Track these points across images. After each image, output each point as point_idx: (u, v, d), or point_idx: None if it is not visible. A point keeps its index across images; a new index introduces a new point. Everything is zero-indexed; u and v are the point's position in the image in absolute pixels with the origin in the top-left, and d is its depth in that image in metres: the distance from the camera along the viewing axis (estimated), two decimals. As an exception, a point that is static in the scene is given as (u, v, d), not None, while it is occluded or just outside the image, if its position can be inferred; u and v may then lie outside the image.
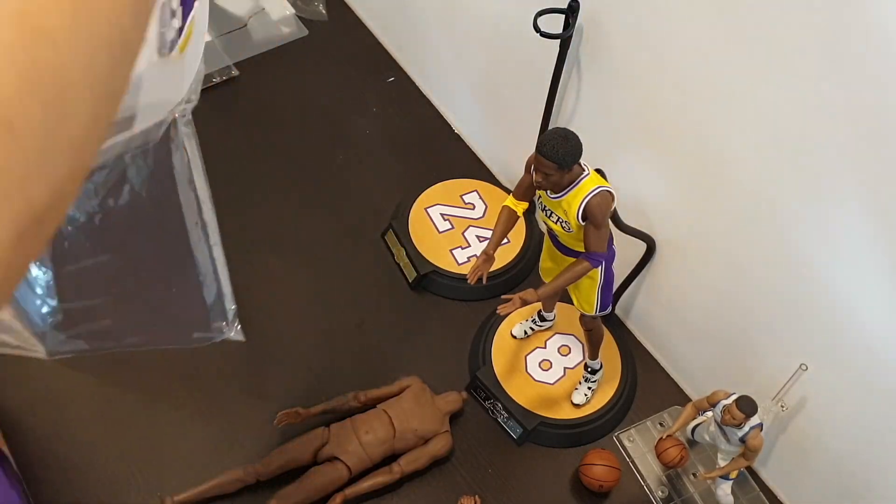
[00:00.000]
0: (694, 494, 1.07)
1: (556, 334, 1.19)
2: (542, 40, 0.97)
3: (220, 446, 1.06)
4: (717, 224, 0.98)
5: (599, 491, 1.05)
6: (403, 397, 1.07)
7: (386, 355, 1.17)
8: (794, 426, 1.01)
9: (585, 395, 1.11)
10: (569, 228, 0.87)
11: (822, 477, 1.00)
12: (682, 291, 1.11)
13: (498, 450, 1.10)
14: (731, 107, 0.86)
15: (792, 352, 0.95)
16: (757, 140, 0.85)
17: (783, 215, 0.87)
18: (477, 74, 1.34)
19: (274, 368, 1.15)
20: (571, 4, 0.97)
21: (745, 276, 0.97)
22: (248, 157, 1.38)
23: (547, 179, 0.83)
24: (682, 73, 0.90)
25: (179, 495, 0.98)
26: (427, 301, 1.24)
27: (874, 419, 0.89)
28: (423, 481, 1.06)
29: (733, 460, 0.99)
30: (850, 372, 0.89)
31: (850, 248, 0.81)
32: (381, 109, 1.49)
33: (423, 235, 1.27)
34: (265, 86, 1.49)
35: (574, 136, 0.81)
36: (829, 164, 0.78)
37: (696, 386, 1.17)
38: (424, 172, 1.37)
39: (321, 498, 0.99)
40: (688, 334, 1.14)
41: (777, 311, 0.95)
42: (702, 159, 0.94)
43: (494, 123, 1.37)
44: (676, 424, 1.03)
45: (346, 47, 1.58)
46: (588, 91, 1.08)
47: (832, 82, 0.74)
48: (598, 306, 0.96)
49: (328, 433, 1.02)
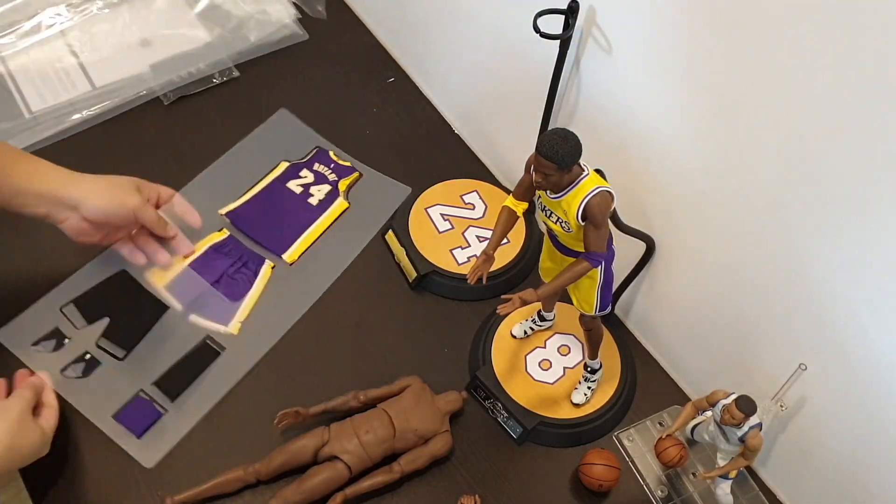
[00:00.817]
0: (693, 494, 1.07)
1: (556, 334, 1.19)
2: (542, 40, 0.98)
3: (220, 446, 1.06)
4: (717, 223, 0.98)
5: (599, 490, 1.05)
6: (403, 397, 1.07)
7: (386, 355, 1.17)
8: (794, 426, 1.01)
9: (585, 395, 1.11)
10: (568, 228, 0.87)
11: (822, 477, 1.01)
12: (681, 291, 1.11)
13: (498, 449, 1.10)
14: (731, 106, 0.86)
15: (792, 352, 0.95)
16: (758, 140, 0.85)
17: (783, 215, 0.87)
18: (477, 75, 1.34)
19: (274, 368, 1.15)
20: (571, 5, 0.97)
21: (745, 275, 0.98)
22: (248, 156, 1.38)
23: (546, 180, 0.83)
24: (682, 72, 0.90)
25: (179, 495, 0.98)
26: (427, 301, 1.24)
27: (874, 419, 0.89)
28: (423, 481, 1.06)
29: (733, 460, 0.99)
30: (851, 372, 0.89)
31: (851, 248, 0.81)
32: (381, 109, 1.49)
33: (423, 235, 1.27)
34: (265, 86, 1.49)
35: (574, 136, 0.81)
36: (829, 164, 0.78)
37: (696, 386, 1.17)
38: (424, 172, 1.38)
39: (321, 497, 0.99)
40: (688, 334, 1.14)
41: (777, 311, 0.96)
42: (702, 159, 0.94)
43: (494, 124, 1.37)
44: (676, 424, 1.03)
45: (346, 47, 1.58)
46: (588, 91, 1.08)
47: (830, 82, 0.74)
48: (598, 306, 0.97)
49: (328, 433, 1.02)
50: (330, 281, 1.23)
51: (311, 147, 1.39)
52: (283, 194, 1.31)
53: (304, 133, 1.42)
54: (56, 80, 1.41)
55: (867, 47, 0.69)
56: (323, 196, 1.31)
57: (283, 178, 1.33)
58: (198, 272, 1.19)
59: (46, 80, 1.41)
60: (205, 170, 1.33)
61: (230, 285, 1.19)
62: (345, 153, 1.39)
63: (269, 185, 1.32)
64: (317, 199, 1.31)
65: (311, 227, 1.27)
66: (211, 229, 1.24)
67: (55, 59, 1.44)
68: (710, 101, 0.88)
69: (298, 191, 1.31)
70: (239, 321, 1.16)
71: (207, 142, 1.39)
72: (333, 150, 1.39)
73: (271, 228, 1.26)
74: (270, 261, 1.23)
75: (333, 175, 1.34)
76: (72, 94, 1.40)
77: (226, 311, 1.16)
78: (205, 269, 1.20)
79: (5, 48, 1.43)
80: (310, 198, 1.31)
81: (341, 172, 1.35)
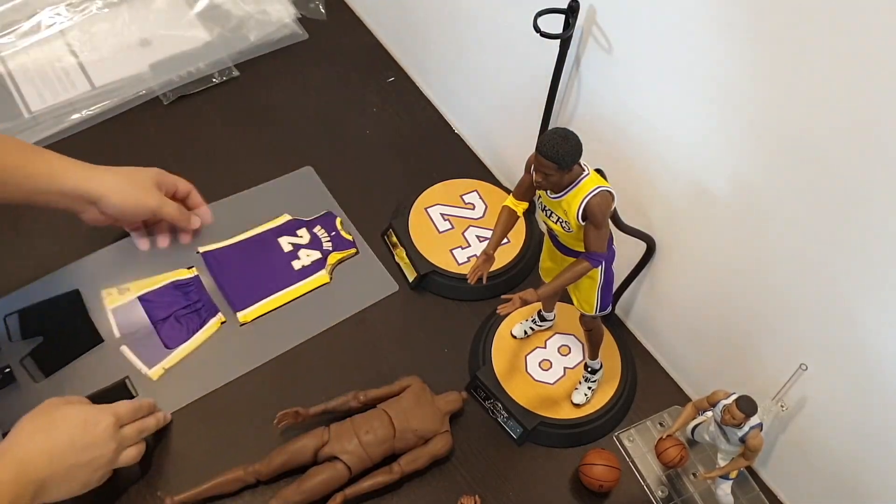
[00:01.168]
0: (694, 494, 1.07)
1: (556, 334, 1.19)
2: (542, 40, 0.98)
3: (220, 446, 1.06)
4: (717, 223, 0.98)
5: (599, 491, 1.05)
6: (403, 397, 1.07)
7: (386, 355, 1.17)
8: (794, 426, 1.01)
9: (585, 395, 1.11)
10: (569, 228, 0.87)
11: (822, 477, 1.01)
12: (682, 291, 1.11)
13: (498, 450, 1.10)
14: (731, 105, 0.86)
15: (792, 352, 0.95)
16: (758, 140, 0.85)
17: (784, 214, 0.87)
18: (477, 74, 1.34)
19: (274, 368, 1.15)
20: (571, 4, 0.97)
21: (746, 275, 0.97)
22: (248, 156, 1.38)
23: (547, 179, 0.83)
24: (682, 72, 0.90)
25: (179, 495, 0.98)
26: (427, 301, 1.24)
27: (875, 419, 0.89)
28: (423, 481, 1.06)
29: (733, 460, 0.99)
30: (851, 371, 0.89)
31: (851, 248, 0.81)
32: (381, 109, 1.49)
33: (423, 235, 1.27)
34: (265, 86, 1.49)
35: (574, 136, 0.81)
36: (830, 164, 0.78)
37: (697, 386, 1.17)
38: (424, 172, 1.38)
39: (321, 498, 0.99)
40: (688, 334, 1.14)
41: (778, 311, 0.95)
42: (702, 159, 0.94)
43: (494, 124, 1.37)
44: (676, 424, 1.03)
45: (346, 47, 1.58)
46: (588, 91, 1.08)
47: (832, 81, 0.74)
48: (598, 306, 0.96)
49: (328, 433, 1.02)
50: (273, 354, 1.14)
51: (321, 210, 1.30)
52: (270, 248, 1.23)
53: (321, 195, 1.33)
54: (55, 80, 1.41)
55: (867, 47, 0.69)
56: (308, 263, 1.21)
57: (278, 230, 1.25)
58: (150, 304, 1.15)
59: (46, 80, 1.41)
60: (208, 204, 1.24)
61: (172, 328, 1.13)
62: (352, 225, 1.29)
63: (261, 235, 1.24)
64: (301, 263, 1.21)
65: (280, 293, 1.18)
66: (180, 265, 1.20)
67: (55, 59, 1.44)
68: (711, 100, 0.88)
69: (287, 249, 1.23)
70: (164, 367, 1.10)
71: (207, 142, 1.39)
72: (342, 219, 1.29)
73: (241, 280, 1.18)
74: (223, 314, 1.16)
75: (329, 244, 1.24)
76: (71, 93, 1.40)
77: (155, 354, 1.11)
78: (158, 302, 1.15)
79: (5, 48, 1.43)
80: (294, 260, 1.21)
81: (339, 244, 1.25)
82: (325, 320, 1.19)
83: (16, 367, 1.07)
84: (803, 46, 0.75)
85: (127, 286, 1.17)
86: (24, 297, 1.14)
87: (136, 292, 1.17)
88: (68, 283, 1.16)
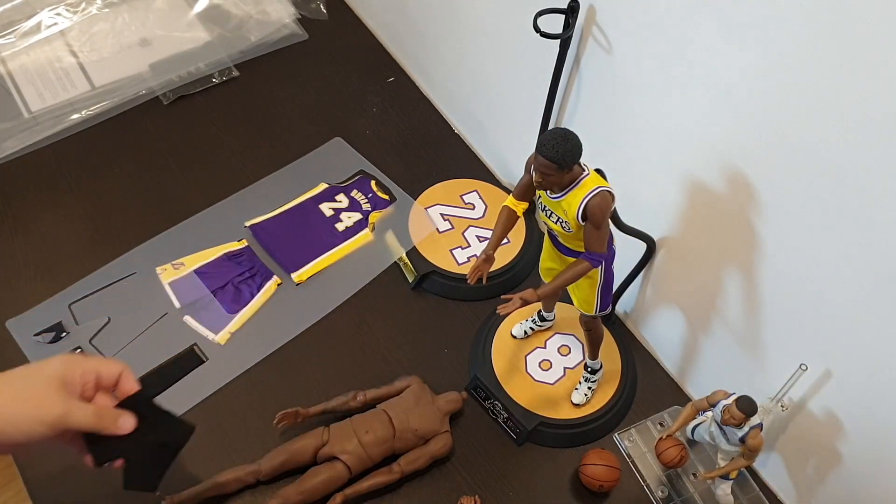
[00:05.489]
0: (694, 494, 1.07)
1: (556, 334, 1.19)
2: (542, 40, 0.98)
3: (219, 446, 1.06)
4: (717, 223, 0.98)
5: (599, 491, 1.05)
6: (403, 397, 1.06)
7: (386, 355, 1.17)
8: (794, 426, 1.01)
9: (585, 395, 1.11)
10: (569, 228, 0.87)
11: (822, 477, 1.00)
12: (682, 291, 1.11)
13: (498, 450, 1.10)
14: (731, 105, 0.86)
15: (792, 352, 0.95)
16: (758, 140, 0.85)
17: (784, 215, 0.87)
18: (477, 74, 1.34)
19: (274, 368, 1.15)
20: (571, 4, 0.97)
21: (746, 276, 0.97)
22: (248, 156, 1.39)
23: (546, 179, 0.83)
24: (682, 72, 0.90)
25: (179, 495, 0.97)
26: (427, 301, 1.24)
27: (875, 419, 0.89)
28: (423, 481, 1.06)
29: (733, 460, 0.99)
30: (851, 372, 0.89)
31: (852, 249, 0.81)
32: (381, 109, 1.49)
33: (423, 235, 1.27)
34: (265, 86, 1.49)
35: (574, 135, 0.81)
36: (830, 164, 0.78)
37: (697, 386, 1.17)
38: (424, 172, 1.38)
39: (321, 497, 0.99)
40: (688, 334, 1.14)
41: (778, 312, 0.95)
42: (702, 159, 0.94)
43: (494, 123, 1.37)
44: (676, 424, 1.03)
45: (346, 47, 1.58)
46: (588, 91, 1.08)
47: (835, 81, 0.74)
48: (598, 306, 0.96)
49: (328, 433, 1.02)
50: (331, 307, 1.20)
51: (354, 171, 1.37)
52: (312, 214, 1.30)
53: (354, 158, 1.40)
54: (55, 80, 1.41)
55: (867, 47, 0.69)
56: (351, 224, 1.29)
57: (317, 198, 1.32)
58: (206, 275, 1.21)
59: (46, 80, 1.41)
60: (245, 188, 1.33)
61: (232, 295, 1.19)
62: (390, 181, 1.35)
63: (302, 204, 1.31)
64: (344, 225, 1.29)
65: (329, 252, 1.26)
66: (230, 239, 1.26)
67: (55, 59, 1.44)
68: (711, 100, 0.88)
69: (329, 214, 1.30)
70: (229, 332, 1.16)
71: (207, 141, 1.39)
72: (377, 179, 1.36)
73: (290, 246, 1.25)
74: (279, 277, 1.22)
75: (368, 205, 1.32)
76: (71, 93, 1.40)
77: (219, 320, 1.17)
78: (213, 273, 1.21)
79: (5, 48, 1.43)
80: (337, 223, 1.29)
81: (377, 203, 1.32)
82: (373, 269, 1.27)
83: (86, 347, 1.12)
84: (803, 46, 0.75)
85: (181, 261, 1.22)
86: (86, 286, 1.19)
87: (190, 266, 1.21)
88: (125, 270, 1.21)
